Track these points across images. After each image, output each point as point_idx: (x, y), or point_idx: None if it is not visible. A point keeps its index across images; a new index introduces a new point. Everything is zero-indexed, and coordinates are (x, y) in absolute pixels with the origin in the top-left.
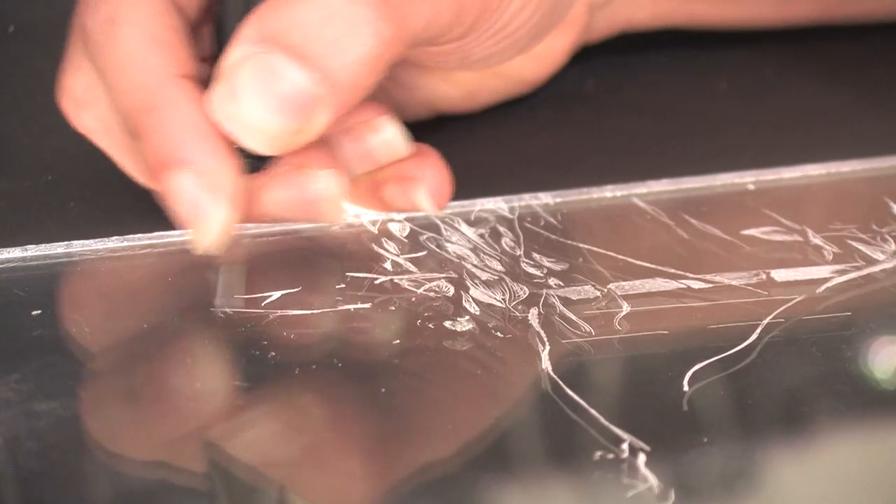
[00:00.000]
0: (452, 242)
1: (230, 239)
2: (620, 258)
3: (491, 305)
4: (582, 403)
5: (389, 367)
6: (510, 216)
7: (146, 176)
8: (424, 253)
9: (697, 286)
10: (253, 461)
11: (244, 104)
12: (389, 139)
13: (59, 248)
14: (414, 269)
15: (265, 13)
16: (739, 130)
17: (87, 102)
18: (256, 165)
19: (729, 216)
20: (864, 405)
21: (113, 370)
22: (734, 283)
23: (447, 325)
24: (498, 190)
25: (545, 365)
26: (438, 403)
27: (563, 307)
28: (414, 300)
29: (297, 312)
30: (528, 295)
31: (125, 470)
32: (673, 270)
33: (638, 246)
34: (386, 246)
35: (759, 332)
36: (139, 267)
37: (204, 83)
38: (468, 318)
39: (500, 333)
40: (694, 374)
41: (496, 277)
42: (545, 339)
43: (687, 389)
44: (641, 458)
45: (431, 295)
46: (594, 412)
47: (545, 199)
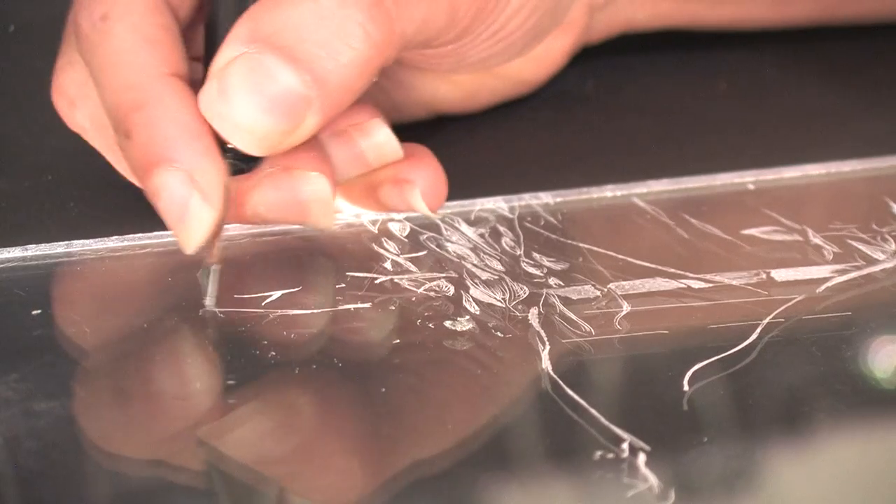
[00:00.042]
0: (452, 242)
1: (217, 239)
2: (620, 258)
3: (491, 305)
4: (582, 403)
5: (389, 366)
6: (510, 216)
7: (134, 175)
8: (424, 252)
9: (697, 286)
10: (253, 460)
11: (234, 103)
12: (381, 142)
13: (59, 247)
14: (414, 268)
15: (257, 13)
16: (739, 130)
17: (79, 100)
18: (245, 166)
19: (729, 216)
20: (864, 405)
21: (112, 369)
22: (734, 282)
23: (447, 324)
24: (498, 190)
25: (545, 364)
26: (438, 403)
27: (563, 307)
28: (414, 300)
29: (297, 312)
30: (528, 294)
31: (125, 469)
32: (673, 270)
33: (638, 246)
34: (386, 245)
35: (759, 331)
36: (139, 267)
37: (196, 83)
38: (468, 317)
39: (500, 333)
40: (694, 373)
41: (496, 277)
42: (545, 338)
43: (687, 389)
44: (641, 457)
45: (431, 294)
46: (594, 412)
47: (545, 198)
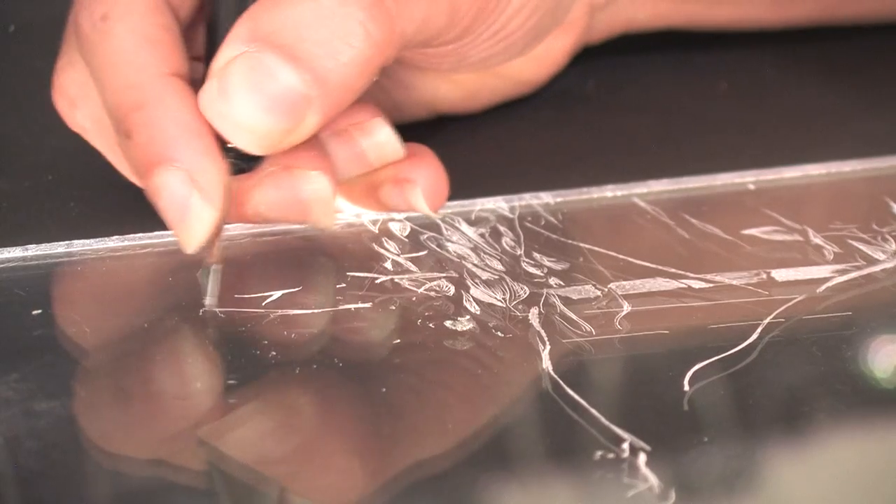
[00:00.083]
0: (453, 242)
1: (218, 239)
2: (621, 258)
3: (491, 305)
4: (582, 403)
5: (390, 366)
6: (511, 216)
7: (135, 175)
8: (425, 252)
9: (698, 286)
10: (253, 460)
11: (235, 102)
12: (382, 141)
13: (59, 247)
14: (414, 268)
15: (257, 12)
16: (739, 130)
17: (80, 100)
18: (246, 166)
19: (729, 216)
20: (864, 405)
21: (113, 369)
22: (735, 282)
23: (448, 324)
24: (498, 189)
25: (546, 364)
26: (439, 403)
27: (563, 307)
28: (414, 300)
29: (297, 312)
30: (528, 294)
31: (125, 469)
32: (673, 270)
33: (638, 245)
34: (386, 245)
35: (759, 331)
36: (139, 267)
37: (195, 82)
38: (469, 317)
39: (500, 333)
40: (694, 373)
41: (497, 277)
42: (546, 338)
43: (687, 389)
44: (642, 457)
45: (432, 294)
46: (595, 412)
47: (546, 198)
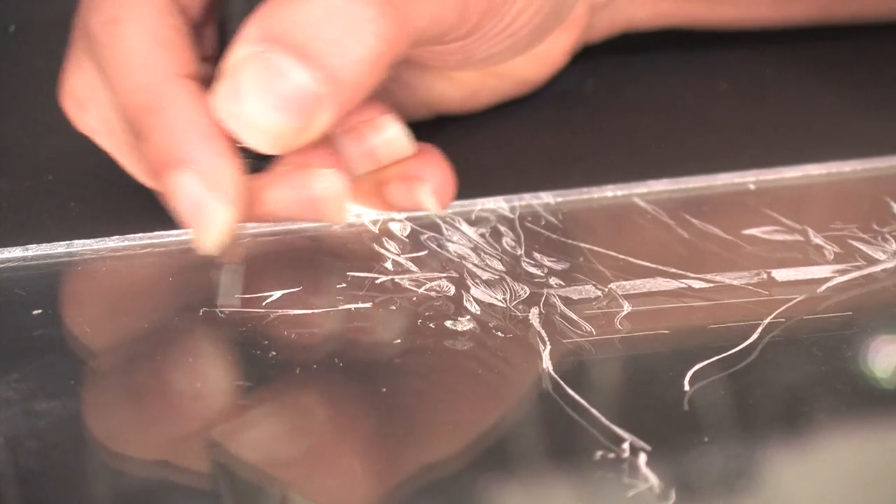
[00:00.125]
0: (453, 242)
1: (233, 239)
2: (621, 258)
3: (492, 305)
4: (583, 403)
5: (390, 366)
6: (511, 216)
7: (149, 176)
8: (425, 252)
9: (698, 286)
10: (252, 460)
11: (247, 103)
12: (392, 138)
13: (59, 247)
14: (415, 268)
15: (268, 12)
16: (739, 130)
17: (89, 102)
18: (259, 165)
19: (730, 216)
20: (864, 405)
21: (113, 369)
22: (735, 282)
23: (448, 324)
24: (499, 189)
25: (546, 364)
26: (439, 403)
27: (563, 307)
28: (415, 300)
29: (297, 312)
30: (528, 294)
31: (125, 469)
32: (674, 270)
33: (639, 245)
34: (387, 245)
35: (759, 331)
36: (139, 266)
37: (206, 83)
38: (469, 317)
39: (500, 333)
40: (695, 373)
41: (497, 277)
42: (546, 338)
43: (688, 389)
44: (642, 457)
45: (432, 294)
46: (595, 412)
47: (546, 198)
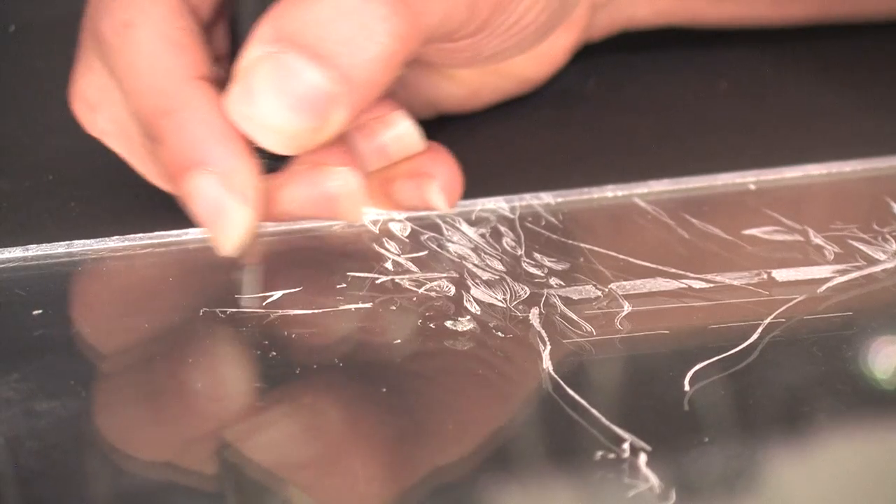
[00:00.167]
0: (453, 242)
1: (252, 239)
2: (621, 258)
3: (492, 305)
4: (583, 403)
5: (390, 366)
6: (511, 216)
7: (164, 179)
8: (425, 253)
9: (698, 286)
10: (252, 460)
11: (261, 104)
12: (403, 134)
13: (59, 247)
14: (415, 268)
15: (280, 12)
16: (740, 130)
17: (100, 105)
18: (274, 165)
19: (730, 216)
20: (864, 405)
21: (113, 370)
22: (735, 282)
23: (448, 324)
24: (499, 189)
25: (546, 365)
26: (439, 403)
27: (564, 307)
28: (415, 300)
29: (298, 312)
30: (529, 294)
31: (126, 469)
32: (674, 270)
33: (639, 246)
34: (387, 245)
35: (760, 331)
36: (140, 267)
37: (219, 83)
38: (469, 317)
39: (501, 333)
40: (695, 373)
41: (497, 277)
42: (546, 338)
43: (688, 389)
44: (642, 457)
45: (432, 295)
46: (595, 412)
47: (546, 198)
